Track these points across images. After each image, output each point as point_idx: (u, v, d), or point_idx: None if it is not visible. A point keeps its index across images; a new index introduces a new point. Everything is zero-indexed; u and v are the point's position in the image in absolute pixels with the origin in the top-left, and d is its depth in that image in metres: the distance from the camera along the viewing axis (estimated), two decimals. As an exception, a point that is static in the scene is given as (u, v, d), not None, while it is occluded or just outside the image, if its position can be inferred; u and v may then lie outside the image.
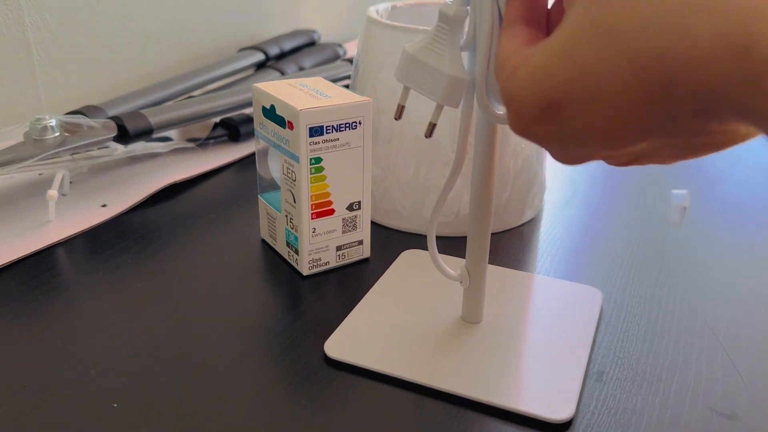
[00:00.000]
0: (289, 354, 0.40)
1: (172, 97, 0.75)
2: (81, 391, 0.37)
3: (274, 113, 0.46)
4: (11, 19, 0.69)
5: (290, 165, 0.46)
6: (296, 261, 0.49)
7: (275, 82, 0.49)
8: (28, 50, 0.72)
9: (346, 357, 0.39)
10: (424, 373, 0.38)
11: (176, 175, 0.63)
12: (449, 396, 0.37)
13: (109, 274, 0.48)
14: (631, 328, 0.44)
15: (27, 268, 0.49)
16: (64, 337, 0.42)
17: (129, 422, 0.35)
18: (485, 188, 0.38)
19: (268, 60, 0.90)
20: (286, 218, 0.49)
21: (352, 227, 0.49)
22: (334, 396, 0.37)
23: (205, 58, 0.93)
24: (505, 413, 0.36)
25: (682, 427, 0.35)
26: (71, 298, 0.46)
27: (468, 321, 0.43)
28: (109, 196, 0.59)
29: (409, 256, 0.50)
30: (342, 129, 0.45)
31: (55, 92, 0.75)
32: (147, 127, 0.63)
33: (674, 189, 0.64)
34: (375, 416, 0.36)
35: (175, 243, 0.53)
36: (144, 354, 0.40)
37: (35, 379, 0.38)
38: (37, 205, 0.57)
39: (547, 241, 0.54)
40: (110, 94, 0.81)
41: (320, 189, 0.46)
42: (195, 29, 0.90)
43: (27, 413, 0.35)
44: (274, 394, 0.37)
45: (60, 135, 0.58)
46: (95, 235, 0.54)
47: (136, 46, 0.83)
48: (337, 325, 0.43)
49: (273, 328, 0.43)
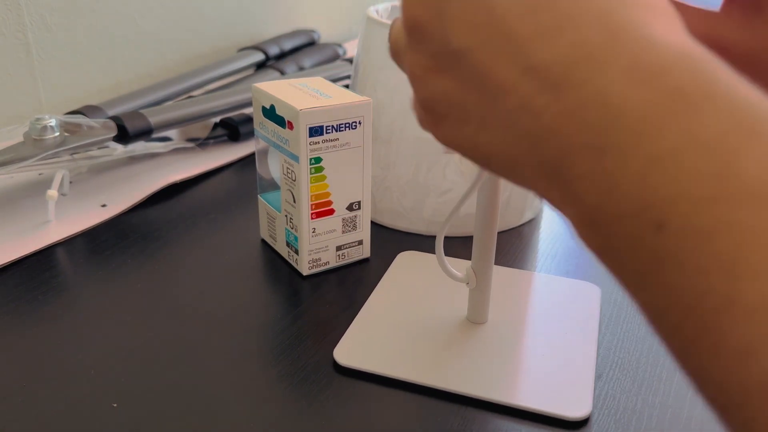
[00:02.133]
0: (289, 354, 0.40)
1: (172, 97, 0.75)
2: (81, 391, 0.37)
3: (274, 113, 0.46)
4: (11, 19, 0.69)
5: (290, 165, 0.46)
6: (296, 261, 0.49)
7: (275, 82, 0.49)
8: (27, 50, 0.72)
9: (357, 364, 0.39)
10: (437, 377, 0.38)
11: (176, 175, 0.63)
12: (464, 398, 0.37)
13: (109, 274, 0.48)
14: (631, 328, 0.44)
15: (27, 268, 0.49)
16: (64, 337, 0.42)
17: (129, 422, 0.35)
18: (492, 191, 0.38)
19: (268, 60, 0.90)
20: (286, 218, 0.49)
21: (352, 227, 0.49)
22: (335, 396, 0.37)
23: (205, 58, 0.93)
24: (521, 413, 0.36)
25: (682, 427, 0.35)
26: (71, 298, 0.46)
27: (473, 321, 0.43)
28: (108, 196, 0.59)
29: (406, 258, 0.50)
30: (342, 129, 0.45)
31: (54, 92, 0.75)
32: (147, 127, 0.63)
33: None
34: (378, 417, 0.36)
35: (174, 243, 0.53)
36: (144, 354, 0.40)
37: (35, 379, 0.38)
38: (36, 205, 0.57)
39: (547, 240, 0.54)
40: (110, 94, 0.81)
41: (320, 189, 0.46)
42: (195, 29, 0.90)
43: (27, 413, 0.35)
44: (274, 393, 0.37)
45: (60, 135, 0.58)
46: (95, 235, 0.54)
47: (136, 46, 0.83)
48: (337, 326, 0.43)
49: (273, 328, 0.43)
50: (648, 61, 0.18)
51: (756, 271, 0.15)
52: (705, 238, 0.16)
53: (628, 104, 0.18)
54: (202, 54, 0.92)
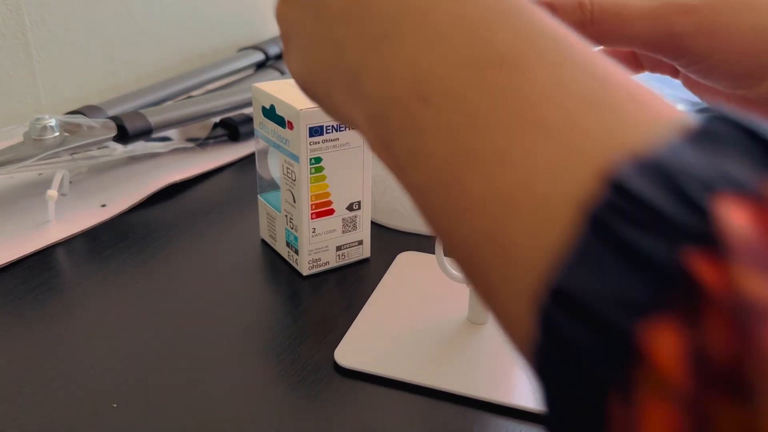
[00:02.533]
0: (289, 354, 0.40)
1: (172, 97, 0.75)
2: (81, 391, 0.37)
3: (274, 113, 0.46)
4: (11, 19, 0.69)
5: (290, 165, 0.46)
6: (296, 261, 0.49)
7: (275, 82, 0.49)
8: (27, 50, 0.72)
9: (357, 365, 0.39)
10: (438, 378, 0.38)
11: (176, 175, 0.63)
12: (464, 399, 0.37)
13: (108, 274, 0.48)
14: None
15: (27, 268, 0.49)
16: (65, 337, 0.41)
17: (129, 422, 0.35)
18: None
19: (268, 60, 0.90)
20: (286, 218, 0.49)
21: (352, 227, 0.49)
22: (335, 396, 0.37)
23: (205, 57, 0.93)
24: (521, 413, 0.36)
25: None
26: (71, 298, 0.46)
27: (474, 322, 0.43)
28: (108, 195, 0.59)
29: (405, 258, 0.50)
30: (342, 129, 0.45)
31: (54, 92, 0.75)
32: (146, 127, 0.63)
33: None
34: (378, 418, 0.36)
35: (174, 243, 0.53)
36: (144, 354, 0.40)
37: (35, 379, 0.38)
38: (36, 205, 0.57)
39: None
40: (110, 94, 0.81)
41: (320, 189, 0.46)
42: (195, 29, 0.90)
43: (27, 413, 0.35)
44: (273, 393, 0.37)
45: (59, 135, 0.58)
46: (95, 235, 0.54)
47: (136, 46, 0.83)
48: (337, 326, 0.43)
49: (273, 328, 0.43)
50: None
51: (497, 126, 0.17)
52: (459, 100, 0.18)
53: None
54: (202, 54, 0.92)
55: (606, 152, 0.15)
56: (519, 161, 0.16)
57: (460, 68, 0.18)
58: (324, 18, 0.23)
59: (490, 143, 0.17)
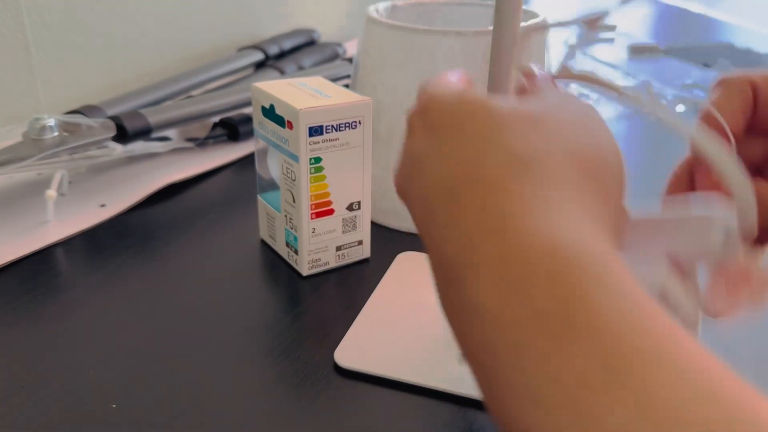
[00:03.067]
0: (288, 354, 0.40)
1: (171, 96, 0.75)
2: (81, 391, 0.37)
3: (274, 113, 0.46)
4: (10, 19, 0.69)
5: (290, 165, 0.46)
6: (296, 261, 0.49)
7: (275, 82, 0.49)
8: (27, 50, 0.72)
9: (357, 366, 0.39)
10: (439, 378, 0.38)
11: (175, 175, 0.63)
12: (465, 400, 0.37)
13: (108, 274, 0.48)
14: (631, 328, 0.43)
15: (26, 268, 0.49)
16: (64, 337, 0.41)
17: (129, 422, 0.35)
18: None
19: (267, 59, 0.90)
20: (286, 218, 0.49)
21: (351, 227, 0.49)
22: (335, 397, 0.37)
23: (205, 57, 0.92)
24: None
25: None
26: (71, 298, 0.45)
27: None
28: (108, 195, 0.59)
29: (406, 258, 0.50)
30: (342, 129, 0.45)
31: (53, 92, 0.75)
32: (146, 127, 0.63)
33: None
34: (378, 418, 0.36)
35: (174, 243, 0.53)
36: (143, 354, 0.40)
37: (35, 379, 0.38)
38: (35, 205, 0.57)
39: (547, 241, 0.54)
40: (109, 94, 0.80)
41: (320, 189, 0.46)
42: (194, 29, 0.90)
43: (27, 413, 0.35)
44: (273, 394, 0.37)
45: (59, 135, 0.58)
46: (94, 235, 0.54)
47: (136, 46, 0.83)
48: (337, 326, 0.42)
49: (272, 329, 0.43)
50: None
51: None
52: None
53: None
54: (202, 54, 0.92)
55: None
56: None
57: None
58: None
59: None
